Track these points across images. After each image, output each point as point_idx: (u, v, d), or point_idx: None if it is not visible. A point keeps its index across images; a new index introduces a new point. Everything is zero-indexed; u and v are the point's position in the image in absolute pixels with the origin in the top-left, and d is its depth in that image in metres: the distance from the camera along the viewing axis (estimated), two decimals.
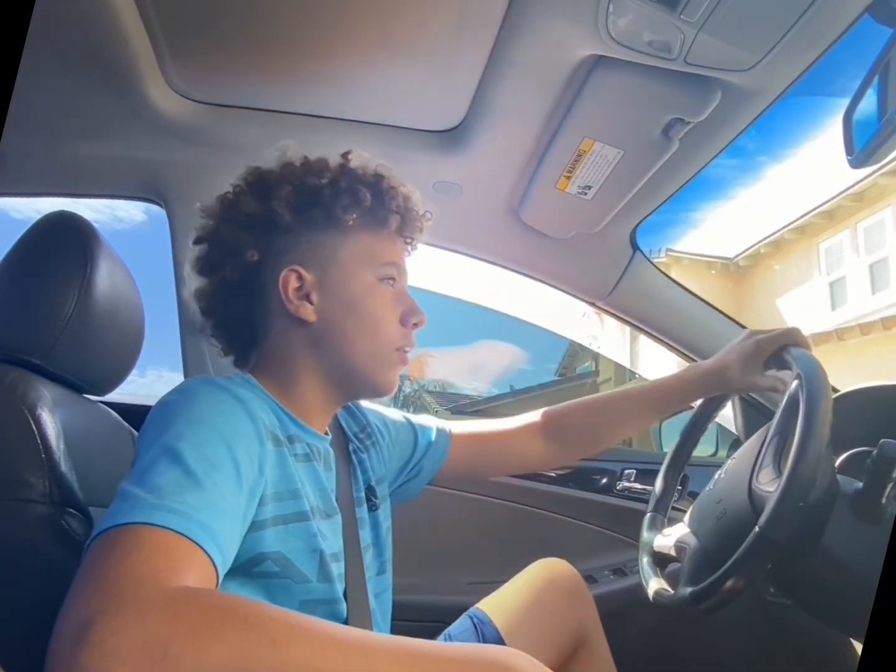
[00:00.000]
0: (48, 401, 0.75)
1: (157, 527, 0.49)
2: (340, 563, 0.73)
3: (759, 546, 0.69)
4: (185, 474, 0.54)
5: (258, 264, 0.76)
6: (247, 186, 0.79)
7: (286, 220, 0.76)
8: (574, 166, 1.12)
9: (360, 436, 0.91)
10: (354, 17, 0.94)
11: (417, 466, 0.98)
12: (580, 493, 1.52)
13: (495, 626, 0.94)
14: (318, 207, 0.76)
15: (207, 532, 0.51)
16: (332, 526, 0.74)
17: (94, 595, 0.44)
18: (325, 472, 0.77)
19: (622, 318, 1.51)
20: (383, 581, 0.85)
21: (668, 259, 9.36)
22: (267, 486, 0.64)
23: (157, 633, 0.42)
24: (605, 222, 1.27)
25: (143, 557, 0.47)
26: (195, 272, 0.80)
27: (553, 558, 1.07)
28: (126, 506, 0.51)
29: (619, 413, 1.07)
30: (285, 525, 0.66)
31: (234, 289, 0.77)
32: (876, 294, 7.84)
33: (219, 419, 0.61)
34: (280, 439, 0.69)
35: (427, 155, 1.19)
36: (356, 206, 0.77)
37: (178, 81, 1.08)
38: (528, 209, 1.28)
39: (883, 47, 0.77)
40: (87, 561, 0.48)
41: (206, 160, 1.19)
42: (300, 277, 0.76)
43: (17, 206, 1.66)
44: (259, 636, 0.44)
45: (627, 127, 1.03)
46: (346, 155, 0.80)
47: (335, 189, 0.77)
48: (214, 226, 0.79)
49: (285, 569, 0.65)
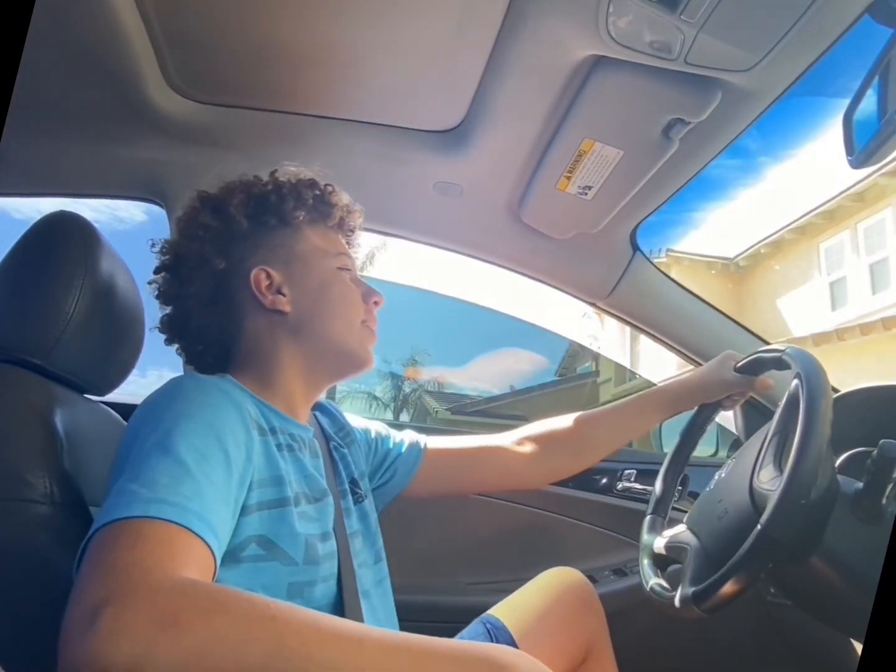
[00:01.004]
0: (49, 401, 0.75)
1: (156, 519, 0.51)
2: (329, 543, 0.75)
3: (761, 545, 0.69)
4: (178, 466, 0.57)
5: (226, 272, 0.83)
6: (200, 204, 0.86)
7: (244, 226, 0.84)
8: (574, 166, 1.12)
9: (339, 434, 0.95)
10: (354, 17, 0.94)
11: (390, 471, 0.99)
12: (580, 493, 1.52)
13: (509, 631, 0.93)
14: (268, 212, 0.85)
15: (203, 521, 0.54)
16: (321, 508, 0.76)
17: (104, 581, 0.46)
18: (312, 459, 0.81)
19: (622, 319, 1.51)
20: (381, 569, 0.88)
21: (668, 259, 9.37)
22: (254, 472, 0.67)
23: (166, 607, 0.44)
24: (606, 222, 1.27)
25: (148, 549, 0.49)
26: (163, 301, 0.86)
27: (565, 567, 1.07)
28: (123, 501, 0.53)
29: (606, 428, 1.10)
30: (269, 510, 0.68)
31: (207, 301, 0.83)
32: (876, 294, 7.84)
33: (206, 411, 0.64)
34: (264, 429, 0.73)
35: (427, 155, 1.19)
36: (301, 205, 0.86)
37: (178, 81, 1.08)
38: (528, 209, 1.28)
39: (883, 48, 0.77)
40: (92, 553, 0.50)
41: (206, 160, 1.19)
42: (269, 275, 0.83)
43: (18, 207, 1.66)
44: (261, 611, 0.46)
45: (628, 127, 1.03)
46: (274, 172, 0.89)
47: (279, 194, 0.86)
48: (176, 248, 0.85)
49: (271, 552, 0.67)
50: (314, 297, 0.84)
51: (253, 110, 1.14)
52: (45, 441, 0.71)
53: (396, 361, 12.08)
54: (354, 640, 0.48)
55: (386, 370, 11.89)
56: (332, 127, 1.16)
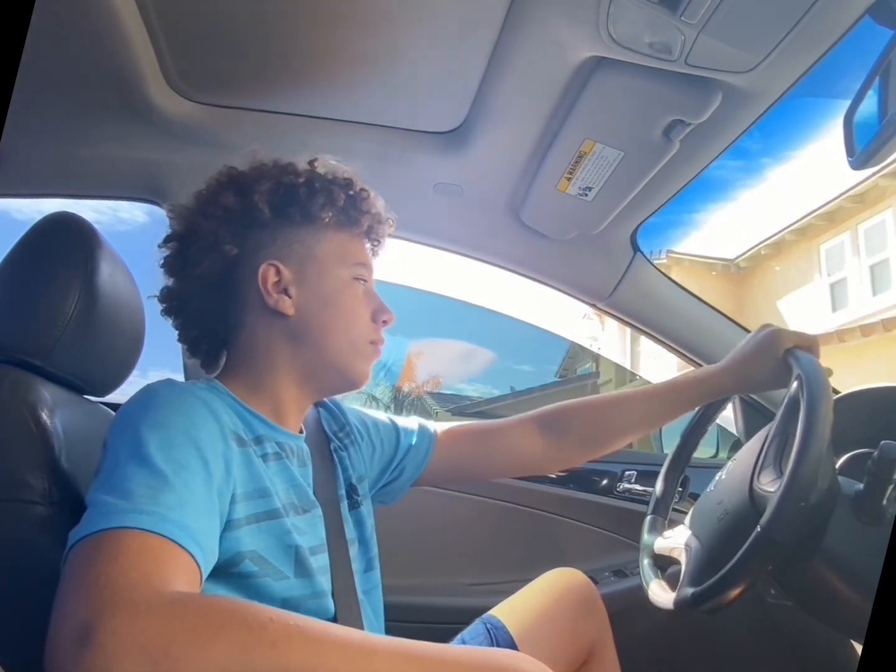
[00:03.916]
0: (48, 402, 0.75)
1: (136, 530, 0.50)
2: (321, 556, 0.74)
3: (761, 546, 0.69)
4: (155, 476, 0.55)
5: (236, 259, 0.78)
6: (225, 182, 0.81)
7: (265, 215, 0.78)
8: (575, 167, 1.12)
9: (339, 434, 0.91)
10: (355, 18, 0.94)
11: (399, 467, 0.96)
12: (581, 494, 1.52)
13: (509, 632, 0.92)
14: (295, 205, 0.79)
15: (184, 530, 0.52)
16: (309, 520, 0.74)
17: (88, 597, 0.45)
18: (300, 468, 0.78)
19: (623, 320, 1.51)
20: (371, 578, 0.85)
21: (668, 260, 9.37)
22: (236, 485, 0.65)
23: (156, 634, 0.42)
24: (606, 224, 1.27)
25: (129, 562, 0.48)
26: (167, 272, 0.82)
27: (568, 568, 1.06)
28: (99, 513, 0.52)
29: (626, 412, 1.01)
30: (258, 524, 0.66)
31: (211, 284, 0.79)
32: (877, 296, 7.84)
33: (183, 419, 0.62)
34: (244, 440, 0.70)
35: (428, 156, 1.19)
36: (331, 204, 0.80)
37: (179, 82, 1.08)
38: (528, 210, 1.28)
39: (883, 49, 0.77)
40: (73, 565, 0.49)
41: (207, 161, 1.18)
42: (278, 272, 0.78)
43: (19, 207, 1.66)
44: (259, 637, 0.44)
45: (628, 128, 1.03)
46: (314, 161, 0.83)
47: (311, 188, 0.80)
48: (191, 222, 0.80)
49: (262, 567, 0.65)
50: (321, 305, 0.79)
51: (253, 111, 1.14)
52: (44, 442, 0.71)
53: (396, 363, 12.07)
54: (363, 655, 0.46)
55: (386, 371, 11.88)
56: (333, 128, 1.16)
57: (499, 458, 1.01)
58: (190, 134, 1.15)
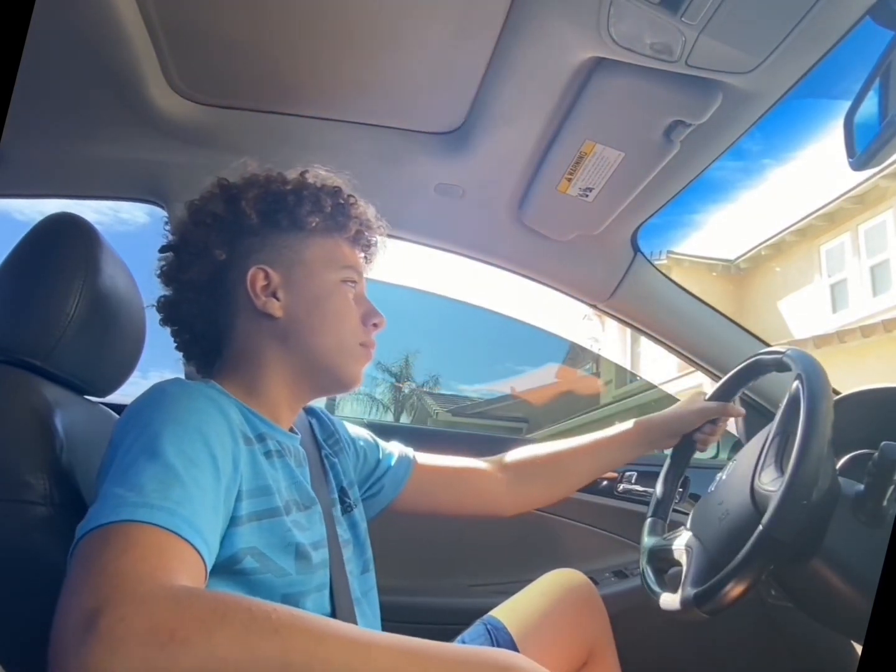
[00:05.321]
0: (49, 402, 0.75)
1: (146, 524, 0.51)
2: (322, 550, 0.75)
3: (763, 545, 0.69)
4: (166, 471, 0.56)
5: (225, 264, 0.81)
6: (216, 193, 0.84)
7: (253, 221, 0.81)
8: (575, 168, 1.12)
9: (329, 441, 0.93)
10: (355, 19, 0.94)
11: (379, 484, 0.98)
12: (581, 495, 1.52)
13: (509, 633, 0.93)
14: (282, 211, 0.82)
15: (192, 526, 0.53)
16: (310, 516, 0.76)
17: (97, 587, 0.45)
18: (298, 468, 0.79)
19: (623, 321, 1.51)
20: (368, 580, 0.87)
21: (668, 261, 9.38)
22: (242, 482, 0.66)
23: (163, 620, 0.43)
24: (607, 224, 1.27)
25: (139, 555, 0.48)
26: (163, 281, 0.84)
27: (568, 569, 1.06)
28: (110, 505, 0.52)
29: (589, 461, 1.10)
30: (259, 521, 0.67)
31: (202, 290, 0.81)
32: (877, 296, 7.85)
33: (193, 417, 0.64)
34: (249, 437, 0.71)
35: (428, 157, 1.19)
36: (318, 211, 0.83)
37: (179, 83, 1.08)
38: (529, 211, 1.28)
39: (884, 50, 0.77)
40: (81, 557, 0.50)
41: (208, 162, 1.19)
42: (267, 276, 0.80)
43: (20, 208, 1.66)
44: (262, 624, 0.45)
45: (628, 129, 1.03)
46: (304, 172, 0.86)
47: (298, 195, 0.83)
48: (183, 231, 0.83)
49: (264, 564, 0.66)
50: (308, 307, 0.81)
51: (254, 112, 1.14)
52: (44, 442, 0.71)
53: (396, 364, 12.08)
54: (362, 647, 0.47)
55: (385, 372, 11.89)
56: (334, 128, 1.16)
57: (466, 501, 1.05)
58: (191, 135, 1.16)
